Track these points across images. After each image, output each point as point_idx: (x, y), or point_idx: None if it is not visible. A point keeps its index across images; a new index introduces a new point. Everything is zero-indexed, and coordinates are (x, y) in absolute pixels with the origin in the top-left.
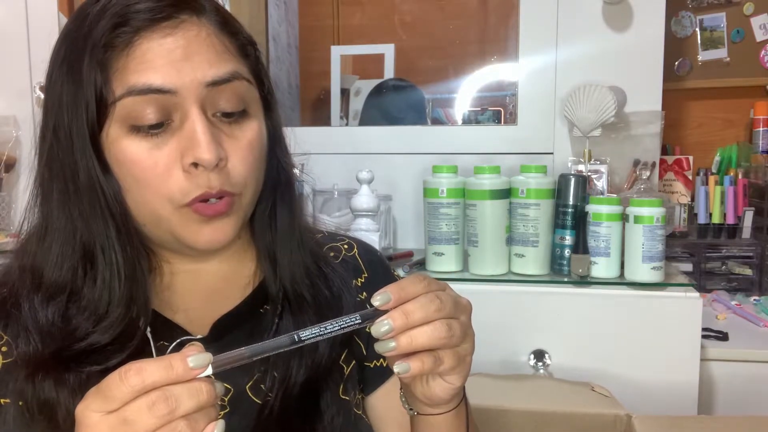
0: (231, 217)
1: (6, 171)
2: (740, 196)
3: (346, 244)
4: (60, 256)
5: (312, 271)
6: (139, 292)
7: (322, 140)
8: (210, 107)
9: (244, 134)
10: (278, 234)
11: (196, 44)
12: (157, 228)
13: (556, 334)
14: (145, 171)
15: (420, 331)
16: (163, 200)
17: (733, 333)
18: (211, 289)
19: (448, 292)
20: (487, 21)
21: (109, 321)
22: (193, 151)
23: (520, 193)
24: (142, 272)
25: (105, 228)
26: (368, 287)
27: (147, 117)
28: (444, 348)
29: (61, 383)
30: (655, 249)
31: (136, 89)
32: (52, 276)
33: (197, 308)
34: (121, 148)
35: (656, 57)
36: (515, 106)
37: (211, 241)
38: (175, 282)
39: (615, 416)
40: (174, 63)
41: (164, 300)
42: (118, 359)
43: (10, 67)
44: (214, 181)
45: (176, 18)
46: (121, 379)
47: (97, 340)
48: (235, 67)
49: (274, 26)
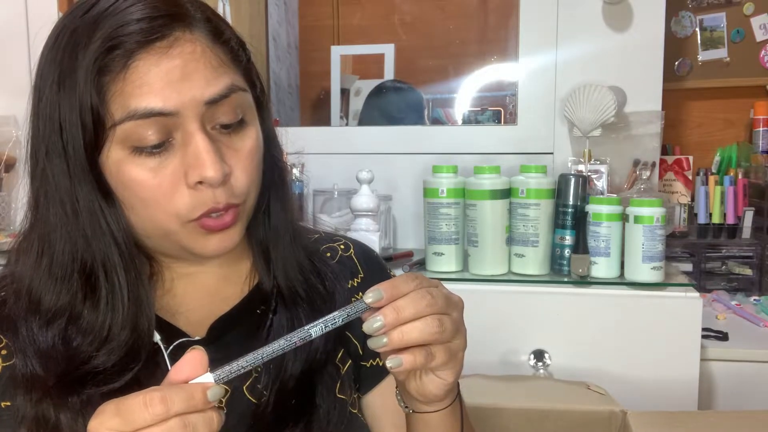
0: (236, 226)
1: (6, 171)
2: (740, 196)
3: (342, 244)
4: (59, 281)
5: (305, 266)
6: (143, 312)
7: (322, 140)
8: (209, 122)
9: (244, 144)
10: (271, 230)
11: (192, 63)
12: (165, 240)
13: (556, 334)
14: (151, 190)
15: (411, 326)
16: (171, 217)
17: (733, 333)
18: (210, 291)
19: (440, 288)
20: (487, 21)
21: (114, 344)
22: (199, 170)
23: (520, 193)
24: (146, 293)
25: (107, 250)
26: (364, 287)
27: (149, 139)
28: (436, 343)
29: (62, 406)
30: (655, 249)
31: (137, 114)
32: (51, 301)
33: (196, 309)
34: (124, 170)
35: (656, 57)
36: (515, 106)
37: (219, 248)
38: (175, 286)
39: (610, 412)
40: (173, 84)
41: (164, 305)
42: (123, 381)
43: (10, 67)
44: (220, 197)
45: (170, 36)
46: (146, 405)
47: (100, 362)
48: (231, 80)
49: (274, 26)
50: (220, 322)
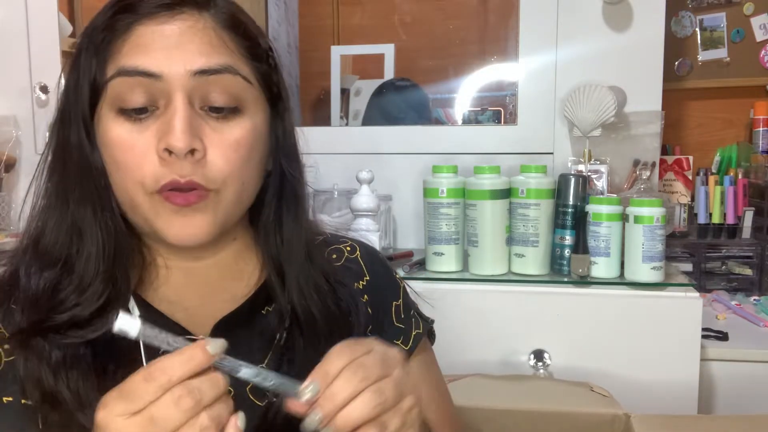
0: (205, 214)
1: (6, 171)
2: (740, 196)
3: (348, 246)
4: (55, 231)
5: (322, 287)
6: (120, 269)
7: (322, 140)
8: (199, 99)
9: (231, 131)
10: (284, 244)
11: (190, 34)
12: (134, 215)
13: (556, 334)
14: (124, 153)
15: (352, 408)
16: (137, 185)
17: (733, 333)
18: (209, 288)
19: (372, 353)
20: (487, 21)
21: (89, 293)
22: (167, 136)
23: (520, 193)
24: (125, 251)
25: (92, 207)
26: (369, 290)
27: (133, 100)
28: (383, 413)
29: (43, 355)
30: (655, 249)
31: (124, 70)
32: (47, 247)
33: (197, 306)
34: (106, 129)
35: (656, 57)
36: (515, 106)
37: (181, 234)
38: (172, 278)
39: (613, 416)
40: (165, 49)
41: (162, 295)
42: (96, 333)
43: (10, 67)
44: (184, 170)
45: (178, 10)
46: (147, 380)
47: (78, 312)
48: (229, 61)
49: (274, 26)
50: (225, 320)
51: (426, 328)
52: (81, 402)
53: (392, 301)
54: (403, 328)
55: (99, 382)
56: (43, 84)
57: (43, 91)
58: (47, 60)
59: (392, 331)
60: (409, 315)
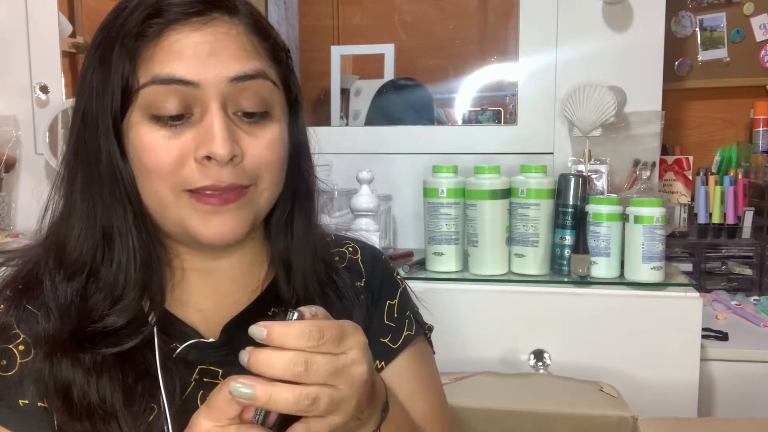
0: (242, 211)
1: (6, 171)
2: (740, 196)
3: (351, 247)
4: (81, 238)
5: (323, 280)
6: (153, 277)
7: (321, 140)
8: (231, 105)
9: (264, 134)
10: (294, 242)
11: (224, 41)
12: (164, 217)
13: (555, 334)
14: (157, 158)
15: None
16: (168, 188)
17: (733, 333)
18: (223, 291)
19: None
20: (487, 21)
21: (123, 303)
22: (208, 144)
23: (520, 193)
24: (157, 258)
25: (123, 213)
26: (368, 290)
27: (168, 107)
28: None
29: (77, 363)
30: (655, 249)
31: (159, 78)
32: (73, 255)
33: (209, 309)
34: (138, 134)
35: (656, 57)
36: (515, 106)
37: (219, 234)
38: (187, 280)
39: (620, 418)
40: (200, 56)
41: (176, 297)
42: (132, 343)
43: (10, 67)
44: (225, 176)
45: (208, 15)
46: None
47: (112, 322)
48: (261, 67)
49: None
50: (233, 323)
51: (419, 332)
52: (106, 411)
53: (387, 300)
54: (393, 327)
55: (123, 392)
56: (43, 84)
57: (43, 91)
58: (47, 60)
59: (381, 328)
60: (404, 316)
